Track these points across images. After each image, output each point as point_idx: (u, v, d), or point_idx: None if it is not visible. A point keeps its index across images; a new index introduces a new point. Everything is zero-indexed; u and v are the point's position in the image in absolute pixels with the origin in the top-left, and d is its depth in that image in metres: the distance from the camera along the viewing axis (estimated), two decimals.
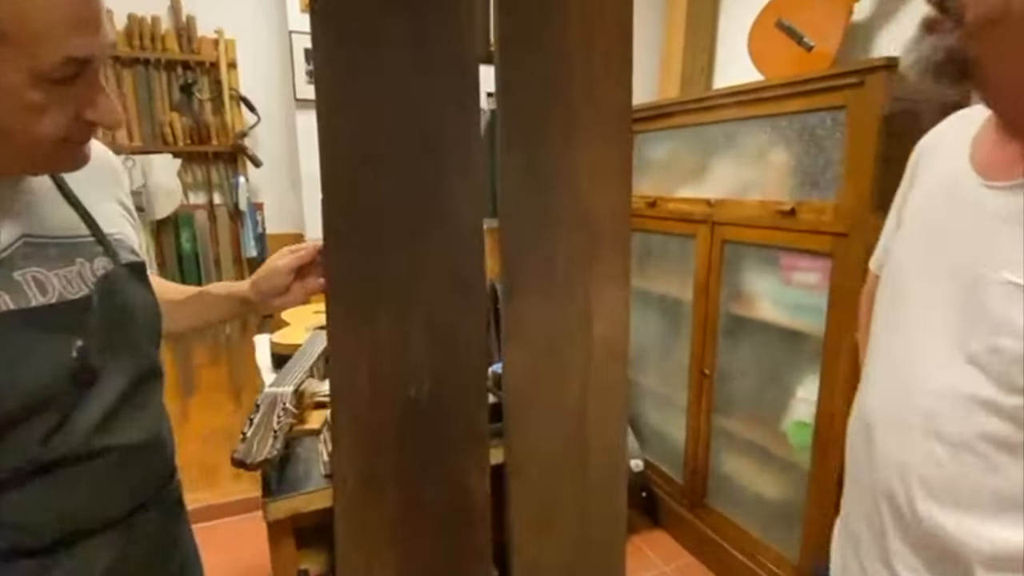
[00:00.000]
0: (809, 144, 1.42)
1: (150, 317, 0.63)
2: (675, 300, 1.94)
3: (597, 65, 0.91)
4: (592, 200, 0.93)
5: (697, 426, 1.84)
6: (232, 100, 1.87)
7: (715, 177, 1.74)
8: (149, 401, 0.63)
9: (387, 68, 0.68)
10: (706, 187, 1.77)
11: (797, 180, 1.46)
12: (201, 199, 1.93)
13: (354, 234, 0.80)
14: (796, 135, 1.45)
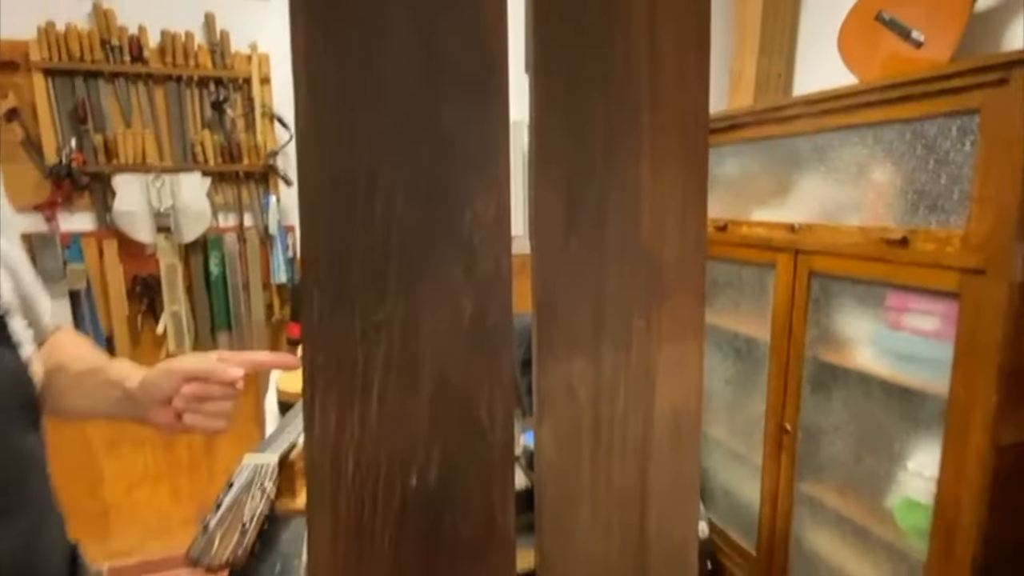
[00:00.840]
0: (926, 158, 1.15)
1: (6, 384, 0.47)
2: (749, 340, 1.67)
3: (665, 58, 0.64)
4: (656, 229, 0.66)
5: (775, 490, 1.55)
6: (264, 117, 1.77)
7: (799, 198, 1.48)
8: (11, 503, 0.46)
9: (386, 64, 0.48)
10: (788, 209, 1.51)
11: (908, 202, 1.19)
12: (231, 221, 1.83)
13: (338, 274, 0.55)
14: (907, 147, 1.18)
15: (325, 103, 0.66)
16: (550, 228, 0.75)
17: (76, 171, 1.61)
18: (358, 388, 0.69)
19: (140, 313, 1.78)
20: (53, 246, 1.65)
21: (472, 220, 0.72)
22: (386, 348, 0.70)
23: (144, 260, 1.75)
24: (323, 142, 0.65)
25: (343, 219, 0.68)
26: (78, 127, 1.63)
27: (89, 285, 1.70)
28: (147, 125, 1.69)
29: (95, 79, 1.63)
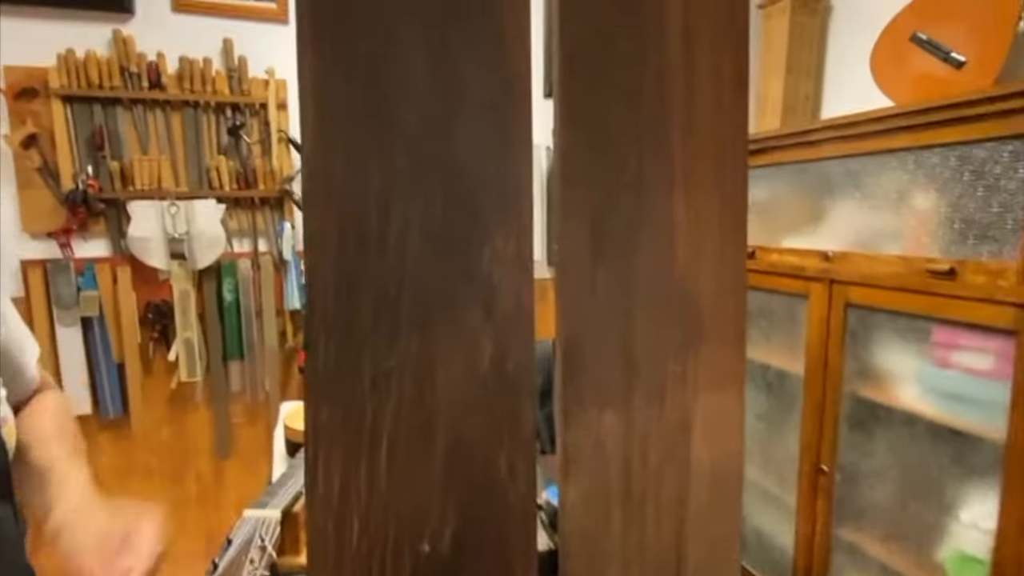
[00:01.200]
0: (974, 184, 1.08)
1: None
2: (780, 373, 1.58)
3: (701, 80, 0.58)
4: (692, 264, 0.60)
5: (811, 535, 1.45)
6: (281, 143, 1.75)
7: (832, 225, 1.41)
8: None
9: (399, 94, 0.42)
10: (821, 236, 1.44)
11: (955, 231, 1.11)
12: (245, 246, 1.81)
13: (347, 318, 0.50)
14: (952, 173, 1.12)
15: (334, 137, 0.61)
16: (575, 263, 0.69)
17: (92, 197, 1.60)
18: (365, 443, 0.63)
19: (152, 340, 1.75)
20: (67, 273, 1.63)
21: (491, 257, 0.66)
22: (397, 398, 0.64)
23: (157, 286, 1.73)
24: (331, 178, 0.60)
25: (353, 257, 0.62)
26: (95, 153, 1.62)
27: (102, 312, 1.68)
28: (163, 151, 1.68)
29: (113, 106, 1.62)
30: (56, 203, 1.61)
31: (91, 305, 1.66)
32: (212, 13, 1.67)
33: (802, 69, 1.75)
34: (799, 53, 1.73)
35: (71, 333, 1.66)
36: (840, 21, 1.77)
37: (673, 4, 0.71)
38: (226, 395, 1.83)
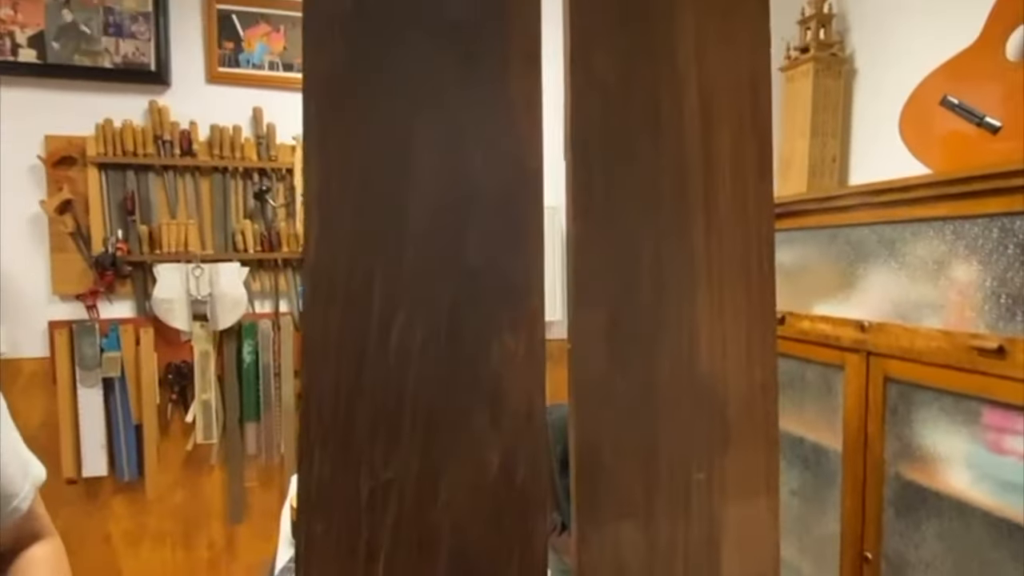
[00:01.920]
0: (1020, 258, 1.02)
1: None
2: (816, 447, 1.49)
3: (721, 177, 0.54)
4: (717, 364, 0.54)
5: None
6: None
7: (866, 293, 1.35)
8: None
9: (408, 190, 0.42)
10: (854, 305, 1.37)
11: (1002, 306, 1.05)
12: (267, 307, 1.81)
13: (344, 425, 0.45)
14: (995, 245, 1.06)
15: (338, 239, 0.59)
16: (589, 365, 0.64)
17: (120, 260, 1.63)
18: (361, 561, 0.58)
19: (171, 401, 1.74)
20: (92, 334, 1.65)
21: (500, 356, 0.62)
22: (396, 511, 0.60)
23: (178, 347, 1.73)
24: (334, 279, 0.58)
25: (353, 359, 0.59)
26: (125, 218, 1.66)
27: (123, 372, 1.69)
28: (191, 216, 1.71)
29: (145, 172, 1.68)
30: (86, 266, 1.65)
31: (113, 366, 1.67)
32: (243, 83, 1.74)
33: (827, 131, 1.72)
34: (823, 115, 1.71)
35: (92, 394, 1.67)
36: (865, 83, 1.75)
37: (690, 95, 0.68)
38: (241, 457, 1.80)
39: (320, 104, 0.57)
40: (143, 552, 1.75)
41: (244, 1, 1.71)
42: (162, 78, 1.67)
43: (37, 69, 1.59)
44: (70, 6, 1.60)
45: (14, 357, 1.64)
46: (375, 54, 0.58)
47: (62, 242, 1.64)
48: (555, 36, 0.81)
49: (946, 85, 1.37)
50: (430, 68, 0.59)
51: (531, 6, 0.62)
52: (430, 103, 0.58)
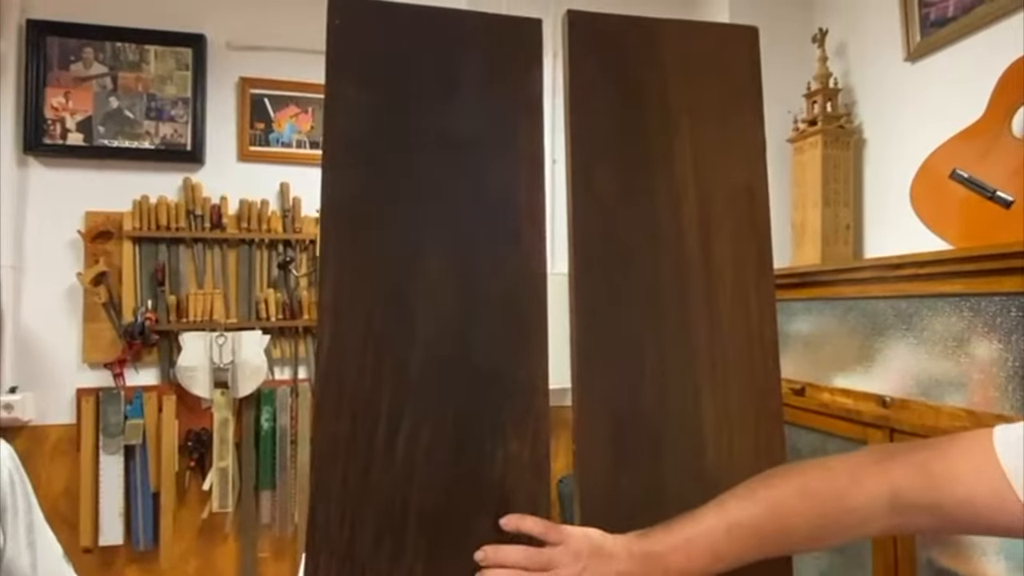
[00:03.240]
0: None
1: None
2: None
3: (721, 266, 0.55)
4: (724, 462, 0.56)
5: None
6: None
7: (886, 367, 1.32)
8: None
9: (418, 299, 0.51)
10: (874, 379, 1.35)
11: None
12: (286, 374, 1.84)
13: (349, 533, 0.49)
14: (1015, 323, 1.04)
15: (348, 337, 0.61)
16: (595, 471, 0.64)
17: (148, 330, 1.69)
18: None
19: (189, 468, 1.76)
20: (117, 402, 1.69)
21: (505, 461, 0.63)
22: None
23: (199, 415, 1.76)
24: (343, 385, 0.59)
25: (359, 466, 0.60)
26: (155, 288, 1.73)
27: (144, 439, 1.71)
28: (217, 286, 1.78)
29: (176, 244, 1.75)
30: (115, 335, 1.71)
31: (136, 433, 1.70)
32: (272, 161, 1.83)
33: (839, 200, 1.74)
34: (834, 185, 1.73)
35: (113, 461, 1.69)
36: (875, 153, 1.78)
37: (688, 204, 0.71)
38: (255, 528, 1.79)
39: (336, 220, 0.60)
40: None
41: (276, 86, 1.82)
42: (197, 157, 1.77)
43: (82, 151, 1.71)
44: (117, 94, 1.72)
45: (42, 424, 1.68)
46: (389, 172, 0.62)
47: (95, 312, 1.70)
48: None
49: (955, 158, 1.38)
50: (440, 184, 0.63)
51: (535, 122, 0.66)
52: (440, 216, 0.61)
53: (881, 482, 0.48)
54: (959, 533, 0.47)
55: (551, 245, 2.00)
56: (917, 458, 0.47)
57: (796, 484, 0.51)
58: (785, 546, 0.52)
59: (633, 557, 0.50)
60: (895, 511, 0.47)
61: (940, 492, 0.44)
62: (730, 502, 0.52)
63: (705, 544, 0.50)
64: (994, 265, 1.05)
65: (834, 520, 0.49)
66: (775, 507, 0.51)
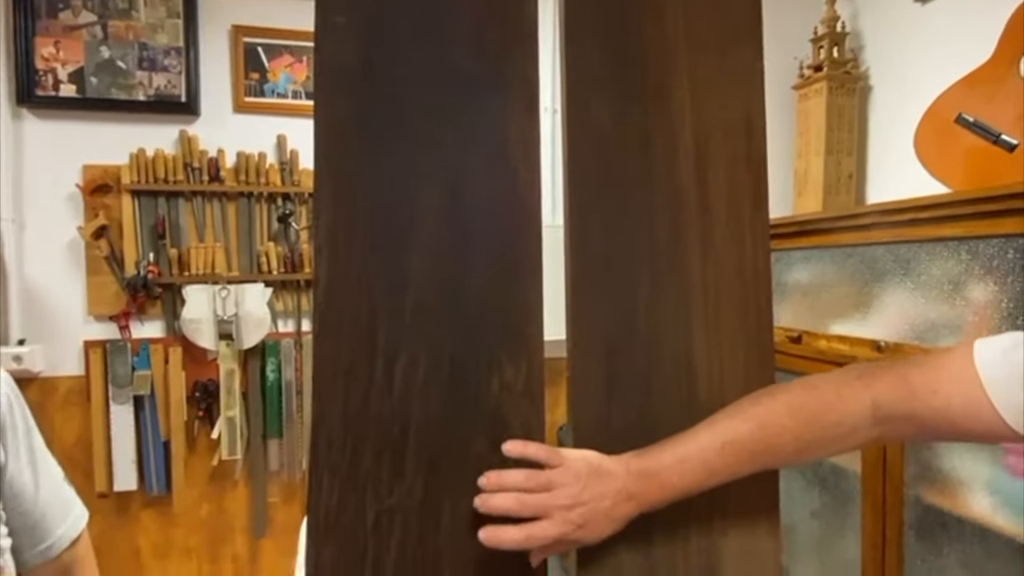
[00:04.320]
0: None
1: None
2: (836, 469, 1.47)
3: (716, 193, 0.56)
4: (715, 385, 0.57)
5: None
6: None
7: (882, 312, 1.34)
8: None
9: (411, 220, 0.49)
10: (871, 325, 1.36)
11: (1019, 327, 1.03)
12: (289, 326, 1.87)
13: (351, 454, 0.52)
14: (1011, 266, 1.05)
15: (346, 277, 0.62)
16: (589, 396, 0.66)
17: (151, 282, 1.70)
18: None
19: (197, 418, 1.80)
20: (124, 353, 1.72)
21: (500, 388, 0.64)
22: (401, 536, 0.61)
23: (205, 366, 1.79)
24: (341, 317, 0.60)
25: (359, 395, 0.61)
26: (156, 242, 1.74)
27: (153, 390, 1.75)
28: (218, 239, 1.78)
29: (176, 198, 1.75)
30: (119, 288, 1.72)
31: (143, 384, 1.74)
32: (268, 112, 1.81)
33: (843, 149, 1.72)
34: (838, 133, 1.71)
35: (123, 411, 1.74)
36: (880, 100, 1.74)
37: (685, 136, 0.70)
38: (264, 473, 1.85)
39: (330, 154, 0.60)
40: (170, 565, 1.80)
41: (269, 34, 1.78)
42: (192, 108, 1.75)
43: (76, 103, 1.68)
44: (108, 43, 1.69)
45: (52, 375, 1.72)
46: (381, 107, 0.62)
47: (97, 266, 1.72)
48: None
49: (961, 102, 1.36)
50: (432, 119, 0.62)
51: (529, 54, 0.65)
52: (432, 152, 0.61)
53: (864, 395, 0.49)
54: (938, 440, 0.49)
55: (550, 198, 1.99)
56: (898, 371, 0.49)
57: (784, 401, 0.53)
58: (775, 460, 0.54)
59: (630, 475, 0.52)
60: (877, 422, 0.49)
61: (918, 402, 0.46)
62: (722, 421, 0.55)
63: (699, 461, 0.52)
64: (993, 207, 1.05)
65: (821, 433, 0.51)
66: (765, 424, 0.53)
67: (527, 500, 0.50)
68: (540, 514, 0.50)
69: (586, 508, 0.50)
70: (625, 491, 0.51)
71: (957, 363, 0.45)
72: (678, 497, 0.53)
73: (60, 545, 0.54)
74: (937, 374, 0.46)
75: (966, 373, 0.44)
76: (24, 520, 0.51)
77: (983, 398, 0.43)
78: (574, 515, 0.50)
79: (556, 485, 0.51)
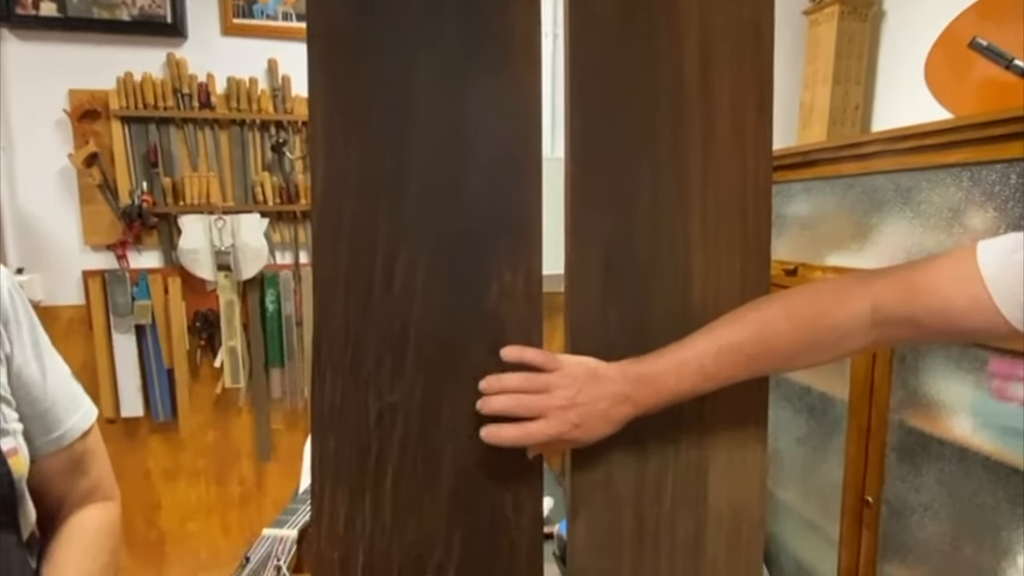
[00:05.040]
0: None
1: None
2: (823, 396, 1.51)
3: (719, 97, 0.55)
4: (711, 292, 0.58)
5: (854, 568, 1.38)
6: None
7: (880, 243, 1.34)
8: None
9: (411, 137, 0.54)
10: (868, 256, 1.37)
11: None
12: (287, 258, 1.87)
13: (353, 353, 0.50)
14: (1012, 191, 1.04)
15: (344, 177, 0.61)
16: (585, 297, 0.66)
17: (146, 212, 1.69)
18: (371, 475, 0.62)
19: (199, 347, 1.83)
20: (123, 283, 1.73)
21: (500, 292, 0.65)
22: (403, 432, 0.63)
23: (205, 296, 1.80)
24: (341, 217, 0.60)
25: (359, 295, 0.62)
26: (149, 170, 1.71)
27: (154, 320, 1.77)
28: (212, 168, 1.75)
29: (166, 125, 1.71)
30: (114, 217, 1.71)
31: (144, 313, 1.75)
32: (258, 35, 1.74)
33: (851, 78, 1.67)
34: (847, 61, 1.66)
35: (126, 339, 1.76)
36: (893, 26, 1.68)
37: (690, 36, 0.68)
38: (267, 401, 1.89)
39: (323, 51, 0.58)
40: (180, 487, 1.87)
41: None
42: (178, 30, 1.68)
43: (58, 23, 1.62)
44: None
45: (52, 304, 1.73)
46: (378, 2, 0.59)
47: (91, 194, 1.70)
48: None
49: (976, 26, 1.31)
50: (430, 14, 0.60)
51: None
52: (430, 48, 0.59)
53: (863, 298, 0.50)
54: (936, 341, 0.50)
55: (551, 130, 1.94)
56: (899, 273, 0.49)
57: (782, 306, 0.53)
58: (771, 364, 0.54)
59: (627, 379, 0.53)
60: (875, 324, 0.49)
61: (919, 302, 0.47)
62: (719, 327, 0.55)
63: (696, 365, 0.53)
64: (999, 131, 1.03)
65: (818, 337, 0.52)
66: (762, 328, 0.53)
67: (525, 400, 0.52)
68: (537, 414, 0.51)
69: (582, 409, 0.52)
70: (622, 394, 0.53)
71: (960, 263, 0.46)
72: (674, 401, 0.54)
73: (71, 435, 0.55)
74: (939, 274, 0.46)
75: (968, 272, 0.44)
76: (34, 408, 0.52)
77: (984, 296, 0.43)
78: (570, 415, 0.51)
79: (553, 387, 0.52)
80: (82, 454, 0.57)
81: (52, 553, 0.52)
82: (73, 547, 0.53)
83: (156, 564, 1.89)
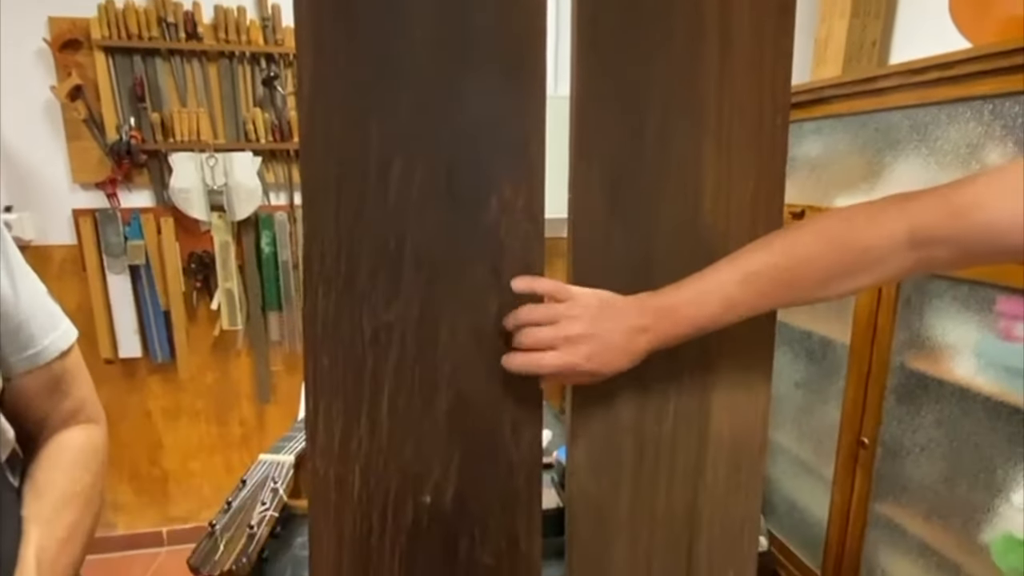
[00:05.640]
0: None
1: None
2: (824, 340, 1.50)
3: (738, 21, 0.51)
4: (721, 214, 0.55)
5: (846, 508, 1.40)
6: None
7: (893, 182, 1.29)
8: None
9: (404, 36, 0.66)
10: (878, 195, 1.32)
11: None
12: (282, 199, 1.83)
13: (346, 267, 0.47)
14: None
15: (333, 87, 0.57)
16: (588, 213, 0.63)
17: (135, 148, 1.64)
18: (366, 394, 0.61)
19: (195, 289, 1.81)
20: (115, 222, 1.69)
21: (500, 208, 0.61)
22: (399, 351, 0.61)
23: (199, 237, 1.77)
24: (330, 128, 0.56)
25: (352, 206, 0.58)
26: (136, 105, 1.65)
27: (148, 260, 1.74)
28: (201, 104, 1.69)
29: (152, 57, 1.64)
30: (102, 154, 1.66)
31: (138, 254, 1.72)
32: None
33: (870, 10, 1.59)
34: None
35: (120, 280, 1.74)
36: None
37: None
38: (265, 344, 1.89)
39: None
40: (181, 427, 1.89)
41: None
42: None
43: None
44: None
45: (44, 244, 1.70)
46: None
47: (77, 130, 1.64)
48: None
49: None
50: None
51: None
52: None
53: (899, 219, 0.47)
54: (979, 263, 0.46)
55: (553, 69, 1.86)
56: (939, 192, 0.46)
57: (812, 230, 0.50)
58: (800, 292, 0.51)
59: (645, 311, 0.51)
60: (913, 246, 0.46)
61: (961, 221, 0.43)
62: (744, 254, 0.52)
63: (719, 294, 0.51)
64: (1019, 60, 0.98)
65: (850, 260, 0.49)
66: (791, 252, 0.50)
67: (533, 331, 0.50)
68: (546, 345, 0.50)
69: (595, 341, 0.49)
70: (639, 326, 0.50)
71: (1007, 177, 0.42)
72: (694, 333, 0.52)
73: (49, 354, 0.53)
74: (982, 189, 0.43)
75: (1014, 185, 0.41)
76: (6, 324, 0.50)
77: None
78: (582, 348, 0.49)
79: (562, 318, 0.50)
80: (61, 374, 0.55)
81: (33, 473, 0.51)
82: (55, 466, 0.52)
83: (160, 502, 1.93)
